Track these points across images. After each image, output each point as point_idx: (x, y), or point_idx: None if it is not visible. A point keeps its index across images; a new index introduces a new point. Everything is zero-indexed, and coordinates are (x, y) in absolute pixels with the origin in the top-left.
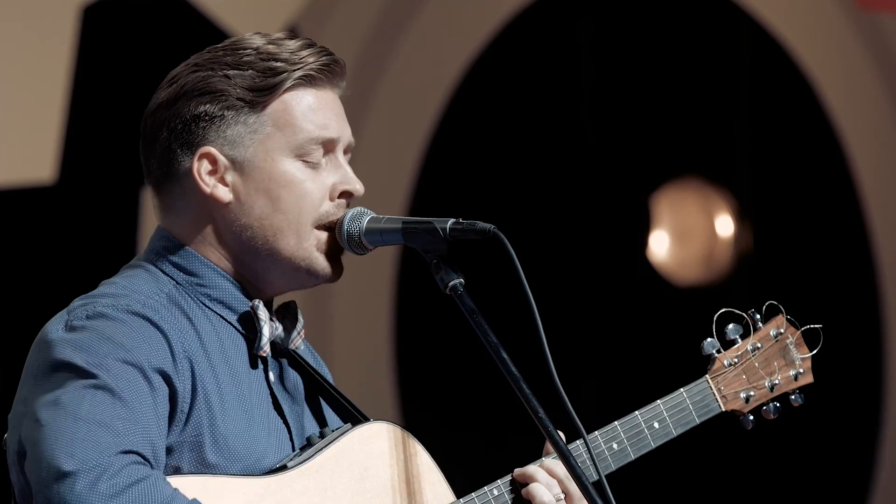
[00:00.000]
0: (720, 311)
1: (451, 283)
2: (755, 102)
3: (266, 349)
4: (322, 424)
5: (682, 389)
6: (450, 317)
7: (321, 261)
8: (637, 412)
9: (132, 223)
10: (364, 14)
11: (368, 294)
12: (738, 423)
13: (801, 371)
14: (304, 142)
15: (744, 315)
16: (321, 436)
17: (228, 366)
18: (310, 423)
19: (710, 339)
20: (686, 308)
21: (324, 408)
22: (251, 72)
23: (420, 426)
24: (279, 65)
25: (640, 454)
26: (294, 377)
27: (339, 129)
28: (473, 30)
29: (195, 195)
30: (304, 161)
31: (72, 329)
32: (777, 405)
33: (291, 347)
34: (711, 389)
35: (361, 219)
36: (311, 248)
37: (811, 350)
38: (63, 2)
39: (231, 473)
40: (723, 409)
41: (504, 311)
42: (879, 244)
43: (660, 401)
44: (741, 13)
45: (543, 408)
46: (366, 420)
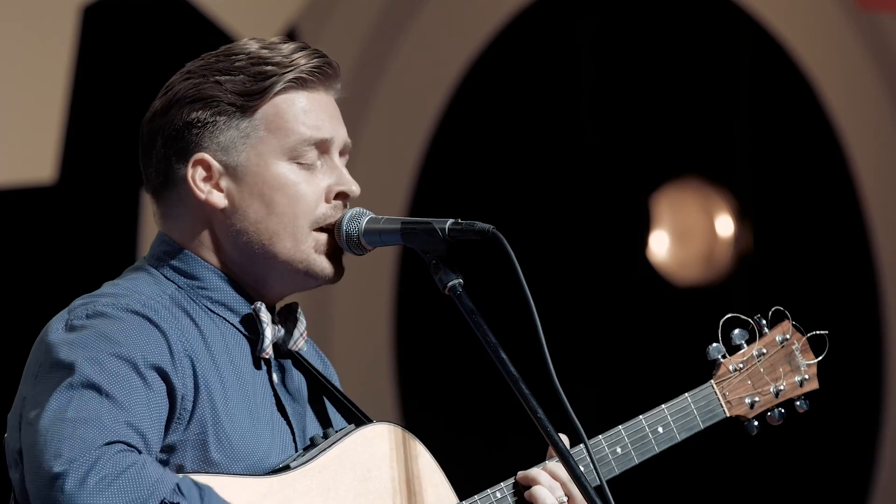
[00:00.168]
0: (726, 317)
1: (450, 284)
2: (755, 102)
3: (269, 351)
4: (325, 425)
5: (687, 394)
6: (449, 317)
7: (320, 262)
8: (641, 416)
9: (132, 223)
10: (364, 14)
11: (368, 294)
12: (743, 429)
13: (807, 377)
14: (297, 143)
15: (749, 320)
16: (324, 437)
17: (233, 366)
18: (313, 425)
19: (716, 345)
20: (686, 307)
21: (327, 409)
22: (242, 77)
23: (420, 426)
24: (270, 68)
25: (644, 458)
26: (297, 378)
27: (333, 130)
28: (473, 30)
29: (191, 201)
30: (298, 163)
31: (71, 328)
32: (782, 411)
33: (294, 349)
34: (716, 394)
35: (360, 219)
36: (310, 250)
37: (817, 356)
38: (63, 2)
39: (234, 473)
40: (727, 415)
41: (503, 312)
42: (879, 244)
43: (664, 405)
44: (741, 13)
45: (543, 408)
46: (369, 421)
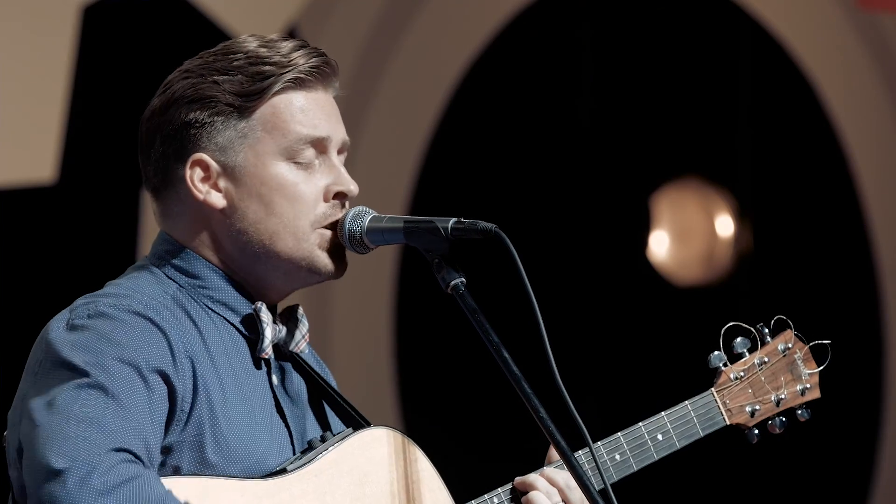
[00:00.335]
0: (727, 325)
1: (453, 283)
2: (755, 102)
3: (268, 351)
4: (324, 428)
5: (688, 402)
6: (451, 316)
7: (323, 258)
8: (641, 423)
9: (132, 223)
10: (364, 14)
11: (368, 294)
12: (744, 437)
13: (808, 386)
14: (294, 143)
15: (751, 329)
16: (322, 440)
17: (232, 367)
18: (312, 427)
19: (717, 353)
20: (686, 307)
21: (326, 412)
22: (240, 77)
23: (420, 428)
24: (267, 68)
25: (643, 465)
26: (297, 381)
27: (330, 129)
28: (473, 30)
29: (190, 201)
30: (296, 163)
31: (72, 328)
32: (783, 420)
33: (295, 351)
34: (717, 403)
35: (363, 218)
36: (313, 247)
37: (819, 365)
38: (63, 2)
39: (230, 474)
40: (728, 423)
41: (506, 311)
42: (879, 244)
43: (664, 413)
44: (741, 13)
45: (545, 408)
46: (367, 425)
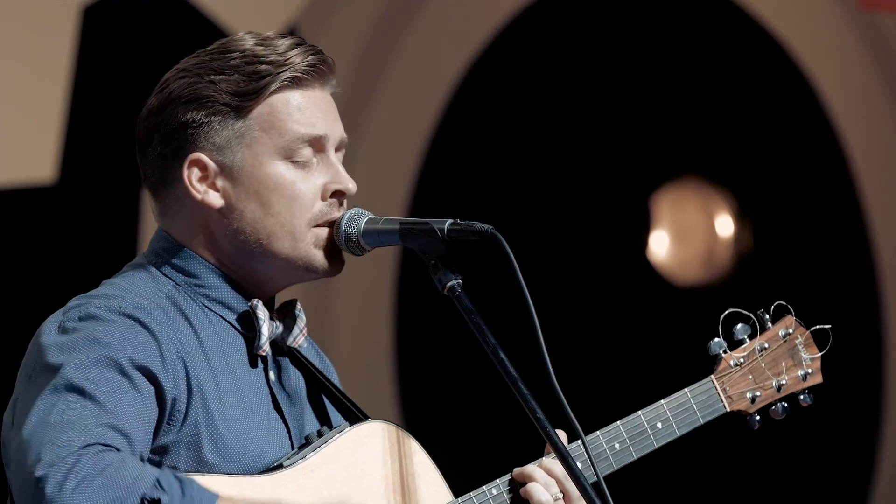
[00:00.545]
0: (727, 311)
1: (449, 284)
2: (755, 102)
3: (266, 348)
4: (322, 423)
5: (687, 389)
6: (449, 317)
7: (320, 257)
8: (640, 412)
9: (132, 223)
10: (364, 14)
11: (368, 294)
12: (745, 423)
13: (810, 371)
14: (291, 142)
15: (751, 315)
16: (319, 434)
17: (228, 365)
18: (310, 422)
19: (717, 340)
20: (686, 307)
21: (326, 407)
22: (237, 76)
23: (419, 426)
24: (264, 68)
25: (643, 454)
26: (295, 376)
27: (328, 127)
28: (473, 30)
29: (188, 201)
30: (293, 162)
31: (63, 331)
32: (785, 405)
33: (294, 346)
34: (716, 389)
35: (359, 220)
36: (310, 246)
37: (820, 350)
38: (63, 2)
39: (228, 472)
40: (728, 410)
41: (502, 312)
42: (879, 244)
43: (663, 401)
44: (741, 13)
45: (542, 408)
46: (366, 418)
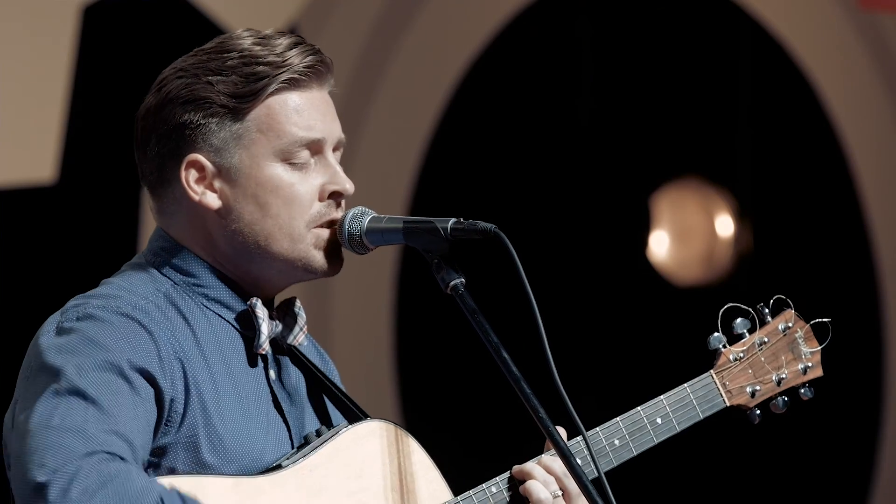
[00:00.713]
0: (726, 306)
1: (452, 283)
2: (755, 102)
3: (265, 347)
4: (324, 422)
5: (686, 384)
6: (451, 316)
7: (318, 258)
8: (639, 407)
9: (132, 223)
10: (364, 14)
11: (368, 294)
12: (746, 418)
13: (810, 364)
14: (289, 145)
15: (750, 310)
16: (318, 434)
17: (226, 365)
18: (311, 421)
19: (717, 334)
20: (686, 307)
21: (326, 405)
22: (234, 77)
23: (419, 425)
24: (261, 69)
25: (643, 450)
26: (295, 375)
27: (326, 129)
28: (473, 30)
29: (186, 201)
30: (291, 164)
31: (61, 332)
32: (786, 399)
33: (295, 343)
34: (716, 384)
35: (362, 218)
36: (308, 247)
37: (820, 343)
38: (63, 2)
39: (227, 473)
40: (728, 405)
41: (505, 311)
42: (879, 244)
43: (663, 396)
44: (741, 13)
45: (544, 407)
46: (366, 417)
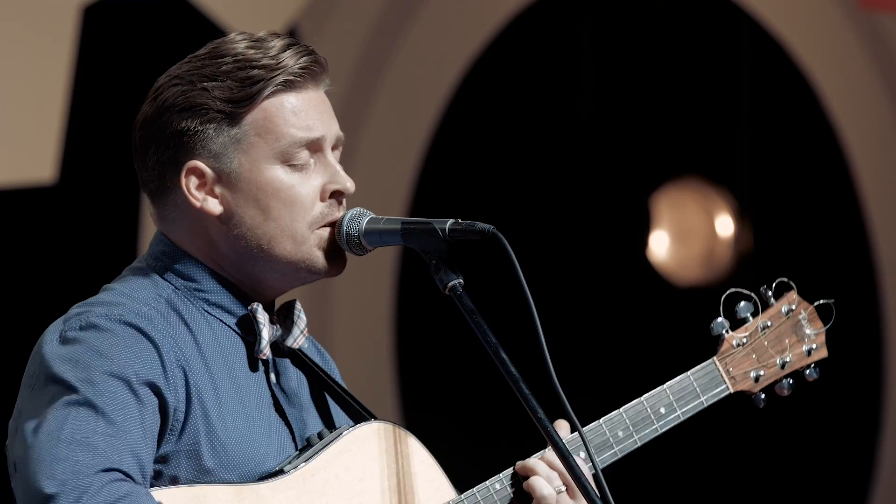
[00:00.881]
0: (728, 291)
1: (451, 284)
2: (755, 102)
3: (266, 351)
4: (327, 423)
5: (689, 372)
6: (449, 317)
7: (322, 259)
8: (642, 397)
9: (133, 223)
10: (364, 14)
11: (368, 294)
12: (751, 403)
13: (815, 346)
14: (288, 146)
15: (752, 294)
16: (320, 436)
17: (228, 370)
18: (314, 423)
19: (720, 319)
20: (686, 307)
21: (329, 406)
22: (229, 82)
23: (420, 427)
24: (256, 72)
25: (647, 440)
26: (298, 377)
27: (324, 128)
28: (473, 30)
29: (187, 208)
30: (291, 165)
31: (64, 341)
32: (791, 382)
33: (295, 346)
34: (719, 371)
35: (360, 219)
36: (312, 248)
37: (825, 325)
38: (63, 2)
39: (230, 480)
40: (731, 391)
41: (503, 312)
42: (879, 244)
43: (665, 385)
44: (741, 13)
45: (543, 408)
46: (370, 417)
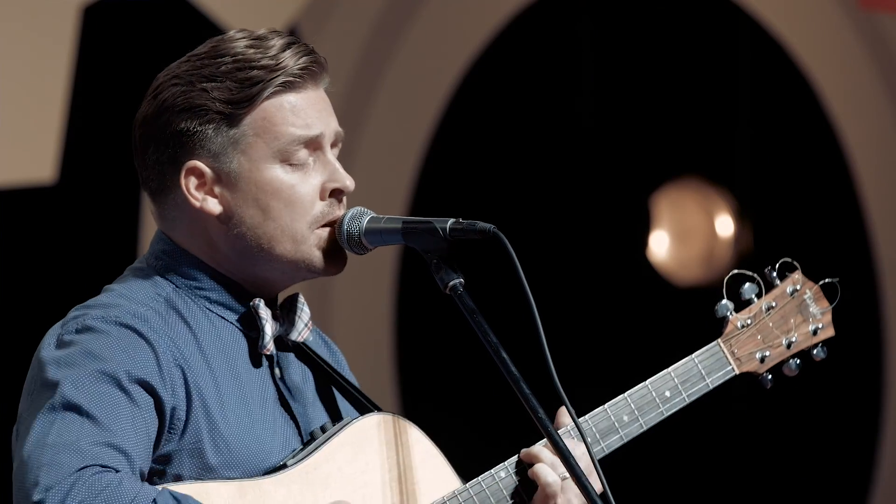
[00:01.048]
0: (731, 273)
1: (451, 283)
2: (755, 102)
3: (270, 347)
4: (333, 417)
5: (694, 355)
6: (450, 316)
7: (322, 258)
8: (647, 381)
9: (133, 223)
10: (364, 14)
11: (368, 293)
12: (758, 384)
13: (821, 325)
14: (287, 145)
15: (756, 276)
16: (322, 430)
17: (230, 367)
18: (320, 417)
19: (724, 301)
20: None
21: (335, 399)
22: (229, 83)
23: (420, 426)
24: (255, 73)
25: (652, 424)
26: (303, 371)
27: (322, 126)
28: (473, 30)
29: (187, 208)
30: (290, 165)
31: (60, 345)
32: (798, 361)
33: (300, 340)
34: (724, 353)
35: (361, 219)
36: (312, 248)
37: (831, 303)
38: (63, 2)
39: (233, 476)
40: (737, 372)
41: (504, 311)
42: (879, 244)
43: (670, 368)
44: (741, 13)
45: (543, 407)
46: (376, 409)
